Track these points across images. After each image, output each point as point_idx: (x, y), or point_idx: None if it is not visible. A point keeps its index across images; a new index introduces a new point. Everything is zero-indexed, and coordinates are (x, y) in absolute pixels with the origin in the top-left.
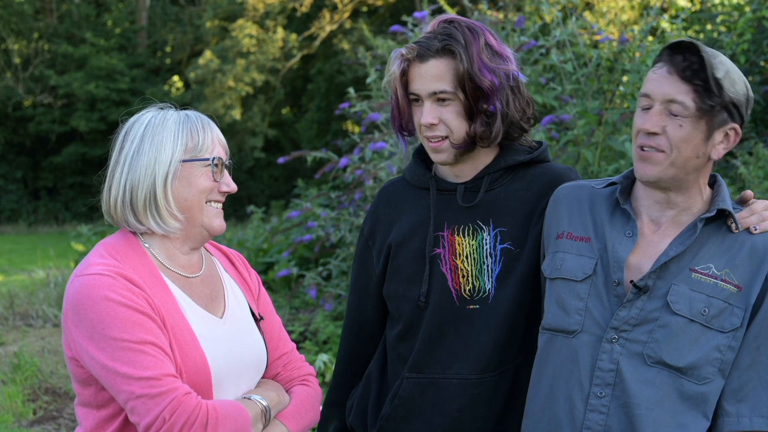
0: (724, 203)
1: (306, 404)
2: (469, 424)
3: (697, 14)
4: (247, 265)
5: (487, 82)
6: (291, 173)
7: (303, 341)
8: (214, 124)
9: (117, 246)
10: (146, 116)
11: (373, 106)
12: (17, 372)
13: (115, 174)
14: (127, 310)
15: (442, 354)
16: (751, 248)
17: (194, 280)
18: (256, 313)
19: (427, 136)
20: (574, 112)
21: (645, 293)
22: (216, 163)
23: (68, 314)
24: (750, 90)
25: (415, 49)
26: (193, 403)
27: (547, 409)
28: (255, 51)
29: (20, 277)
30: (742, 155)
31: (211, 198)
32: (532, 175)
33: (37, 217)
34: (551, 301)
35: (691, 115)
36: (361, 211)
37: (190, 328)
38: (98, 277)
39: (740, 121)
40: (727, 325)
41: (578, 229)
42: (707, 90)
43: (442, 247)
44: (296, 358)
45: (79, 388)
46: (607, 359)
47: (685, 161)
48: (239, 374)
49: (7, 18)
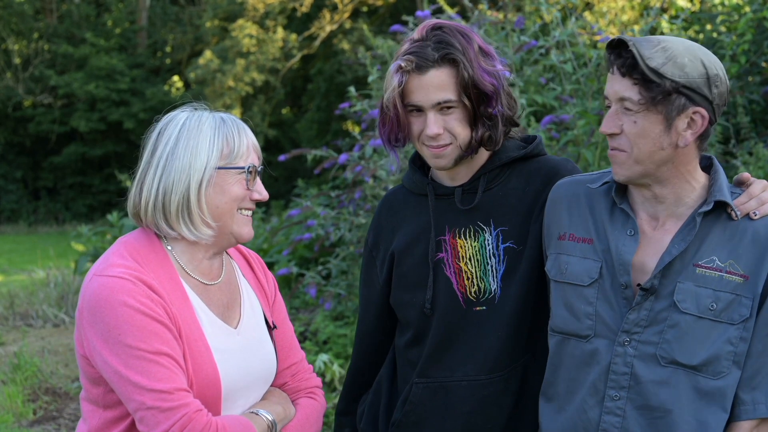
0: (721, 194)
1: (311, 418)
2: (481, 425)
3: (697, 14)
4: (266, 268)
5: (489, 86)
6: (291, 173)
7: (303, 341)
8: (248, 129)
9: (139, 247)
10: (181, 117)
11: (373, 104)
12: (17, 372)
13: (147, 175)
14: (144, 318)
15: (450, 357)
16: (753, 235)
17: (212, 288)
18: (270, 321)
19: (430, 145)
20: (574, 112)
21: (652, 294)
22: (250, 171)
23: (84, 313)
24: (714, 67)
25: (413, 60)
26: (204, 421)
27: (564, 411)
28: (255, 51)
29: (20, 277)
30: (742, 155)
31: (242, 206)
32: (529, 171)
33: (37, 217)
34: (559, 303)
35: (641, 108)
36: (361, 210)
37: (205, 339)
38: (118, 280)
39: (707, 103)
40: (736, 317)
41: (579, 229)
42: (646, 81)
43: (444, 251)
44: (305, 368)
45: (88, 384)
46: (620, 362)
47: (649, 155)
48: (249, 386)
49: (7, 18)
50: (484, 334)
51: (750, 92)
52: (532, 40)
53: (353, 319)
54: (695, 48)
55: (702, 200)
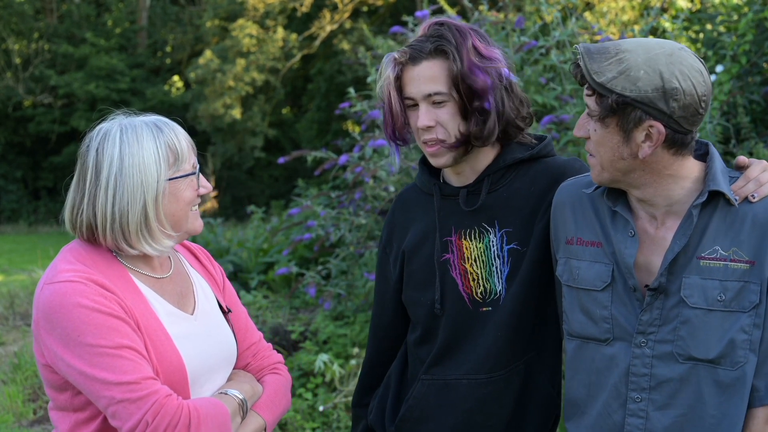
0: (715, 183)
1: (279, 393)
2: (481, 423)
3: (697, 14)
4: (211, 258)
5: (480, 81)
6: (291, 173)
7: (303, 341)
8: (179, 127)
9: (84, 252)
10: (114, 132)
11: (373, 105)
12: (17, 372)
13: (98, 199)
14: (100, 315)
15: (456, 356)
16: (753, 219)
17: (164, 280)
18: (224, 306)
19: (425, 139)
20: (574, 112)
21: (662, 293)
22: (196, 172)
23: (40, 322)
24: (674, 80)
25: (408, 52)
26: (175, 404)
27: (587, 416)
28: (255, 51)
29: (20, 277)
30: (742, 155)
31: (193, 204)
32: (535, 172)
33: (37, 217)
34: (574, 308)
35: (597, 118)
36: (361, 210)
37: (163, 327)
38: (69, 284)
39: (664, 116)
40: (747, 304)
41: (587, 233)
42: (598, 93)
43: (451, 252)
44: (264, 347)
45: (53, 393)
46: (639, 364)
47: (611, 163)
48: (213, 369)
49: (7, 18)
50: (486, 334)
51: (750, 92)
52: (532, 40)
53: (353, 319)
54: (659, 59)
55: (698, 192)
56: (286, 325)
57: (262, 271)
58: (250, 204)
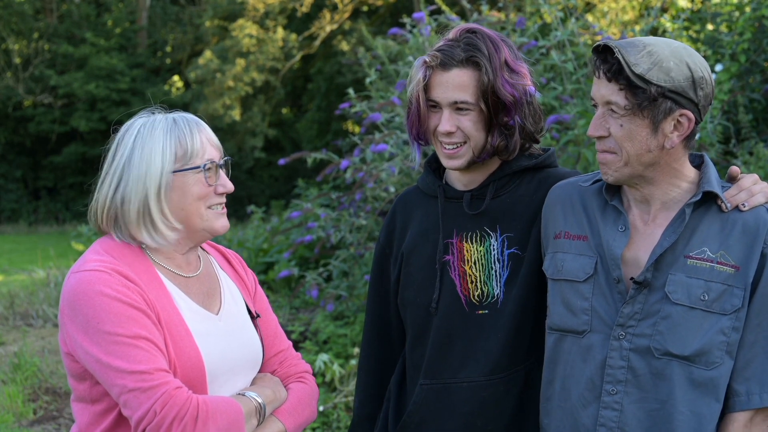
0: (709, 185)
1: (303, 401)
2: (481, 426)
3: (698, 14)
4: (244, 264)
5: (509, 96)
6: (291, 173)
7: (303, 341)
8: (203, 125)
9: (113, 245)
10: (137, 123)
11: (373, 106)
12: (17, 372)
13: (103, 185)
14: (121, 305)
15: (452, 359)
16: (743, 226)
17: (191, 279)
18: (253, 310)
19: (444, 142)
20: (575, 112)
21: (646, 287)
22: (208, 168)
23: (64, 310)
24: (699, 69)
25: (438, 57)
26: (184, 397)
27: (561, 409)
28: (255, 51)
29: (20, 277)
30: (742, 155)
31: (210, 203)
32: (539, 180)
33: (37, 217)
34: (556, 301)
35: (627, 113)
36: (362, 212)
37: (185, 323)
38: (94, 273)
39: (692, 105)
40: (728, 307)
41: (574, 227)
42: (632, 86)
43: (451, 254)
44: (292, 355)
45: (74, 383)
46: (617, 356)
47: (638, 157)
48: (234, 370)
49: (7, 18)
50: (485, 337)
51: (750, 91)
52: (532, 40)
53: (353, 319)
54: (681, 50)
55: (692, 194)
56: (287, 325)
57: (262, 271)
58: (250, 204)
